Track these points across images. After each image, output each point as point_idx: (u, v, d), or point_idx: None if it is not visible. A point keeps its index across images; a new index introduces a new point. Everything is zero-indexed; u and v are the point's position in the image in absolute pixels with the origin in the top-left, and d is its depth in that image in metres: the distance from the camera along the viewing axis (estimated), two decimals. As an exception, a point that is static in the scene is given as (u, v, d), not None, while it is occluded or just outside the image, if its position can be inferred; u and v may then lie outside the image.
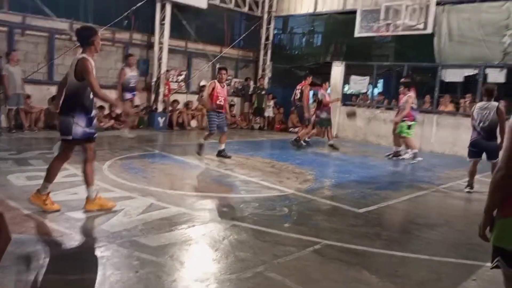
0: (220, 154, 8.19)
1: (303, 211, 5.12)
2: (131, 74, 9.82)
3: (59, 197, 4.70)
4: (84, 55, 4.11)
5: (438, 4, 10.80)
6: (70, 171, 6.12)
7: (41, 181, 4.36)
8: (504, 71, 10.56)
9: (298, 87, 10.44)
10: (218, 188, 5.97)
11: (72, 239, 3.73)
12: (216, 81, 8.18)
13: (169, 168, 7.01)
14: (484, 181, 7.84)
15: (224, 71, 8.26)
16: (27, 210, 4.28)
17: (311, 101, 11.19)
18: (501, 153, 2.04)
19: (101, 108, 11.13)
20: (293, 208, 5.18)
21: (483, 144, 6.45)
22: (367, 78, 13.52)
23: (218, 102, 7.98)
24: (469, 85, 11.98)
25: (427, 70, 12.26)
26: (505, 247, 1.99)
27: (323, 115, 10.49)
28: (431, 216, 5.43)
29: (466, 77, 11.51)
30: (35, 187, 4.44)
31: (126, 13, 11.45)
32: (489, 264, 3.53)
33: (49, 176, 4.31)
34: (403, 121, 9.39)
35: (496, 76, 10.79)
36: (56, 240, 3.69)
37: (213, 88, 7.98)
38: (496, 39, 10.45)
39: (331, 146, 10.43)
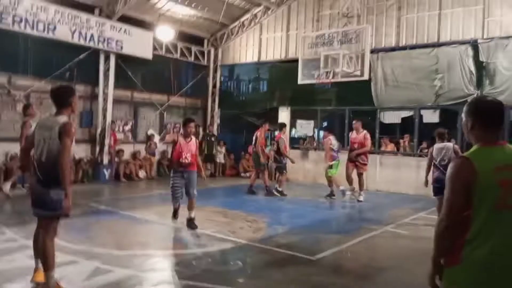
0: (190, 224, 6.52)
1: (257, 263, 5.02)
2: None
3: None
4: (65, 117, 3.75)
5: (372, 52, 11.57)
6: (7, 235, 5.69)
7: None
8: (438, 111, 11.37)
9: (255, 133, 10.65)
10: (168, 244, 5.76)
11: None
12: (179, 134, 7.04)
13: (116, 225, 6.68)
14: (428, 217, 8.19)
15: (191, 124, 6.82)
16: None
17: (267, 148, 11.32)
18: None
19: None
20: (247, 261, 5.08)
21: (444, 179, 6.78)
22: (312, 122, 13.99)
23: (181, 160, 6.64)
24: (407, 126, 12.70)
25: (368, 113, 12.91)
26: None
27: (284, 161, 10.49)
28: (383, 259, 5.52)
29: (403, 119, 12.27)
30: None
31: (68, 65, 11.23)
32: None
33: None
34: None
35: (430, 116, 11.58)
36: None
37: (176, 143, 6.73)
38: (428, 82, 11.30)
39: (280, 192, 10.36)
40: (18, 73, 10.71)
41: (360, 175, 9.84)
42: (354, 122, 10.28)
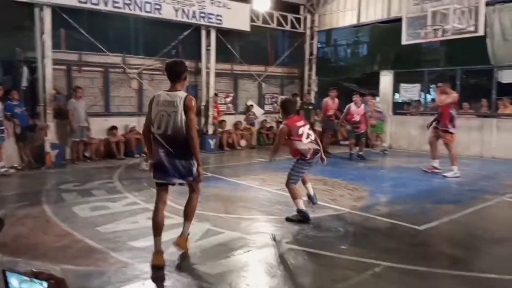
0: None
1: (360, 231, 5.01)
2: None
3: (121, 227, 4.93)
4: (184, 92, 3.93)
5: (487, 4, 10.31)
6: (130, 199, 6.41)
7: (103, 212, 4.58)
8: None
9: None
10: (271, 210, 5.98)
11: (135, 270, 3.87)
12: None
13: (223, 191, 7.12)
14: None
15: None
16: (92, 241, 4.51)
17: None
18: None
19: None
20: (349, 228, 5.08)
21: None
22: (418, 85, 13.11)
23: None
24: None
25: (482, 73, 11.68)
26: None
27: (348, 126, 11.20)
28: (498, 230, 5.12)
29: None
30: (98, 218, 4.67)
31: (173, 42, 11.94)
32: None
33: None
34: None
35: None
36: (121, 271, 3.84)
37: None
38: (556, 34, 9.80)
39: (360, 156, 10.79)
40: (131, 53, 11.75)
41: (446, 145, 8.49)
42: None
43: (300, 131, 5.38)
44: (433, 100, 9.70)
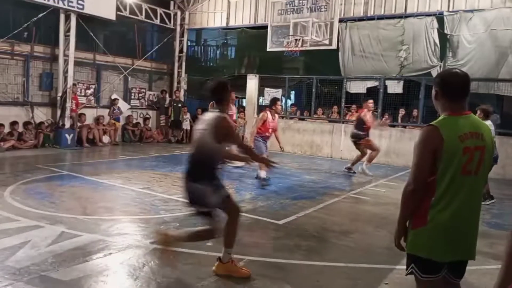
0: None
1: (225, 228, 5.11)
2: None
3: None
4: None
5: (341, 21, 11.59)
6: None
7: None
8: (401, 82, 11.64)
9: None
10: (135, 209, 5.73)
11: (-30, 282, 3.32)
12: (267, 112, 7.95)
13: (80, 191, 6.57)
14: (388, 184, 8.54)
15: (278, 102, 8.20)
16: None
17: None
18: None
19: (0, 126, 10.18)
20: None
21: None
22: (280, 90, 14.03)
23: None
24: (372, 96, 12.96)
25: (334, 82, 13.06)
26: (417, 254, 2.22)
27: None
28: (345, 223, 5.76)
29: (369, 88, 12.49)
30: None
31: (26, 24, 10.61)
32: (398, 267, 3.84)
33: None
34: None
35: (394, 87, 11.86)
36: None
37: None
38: (393, 53, 11.52)
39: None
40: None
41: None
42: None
43: None
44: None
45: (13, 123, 10.66)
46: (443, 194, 2.15)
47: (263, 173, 7.71)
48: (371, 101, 9.60)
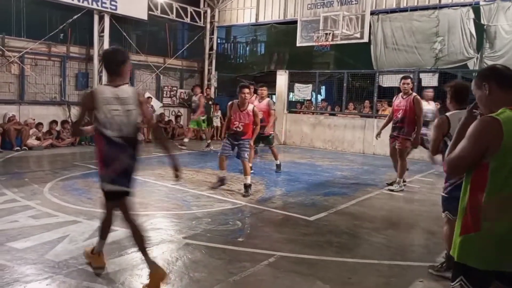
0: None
1: (256, 223, 5.14)
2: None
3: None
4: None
5: (372, 13, 11.35)
6: (8, 196, 5.77)
7: None
8: (436, 75, 11.29)
9: None
10: (168, 205, 5.84)
11: (15, 272, 3.48)
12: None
13: (116, 187, 6.74)
14: (423, 180, 8.33)
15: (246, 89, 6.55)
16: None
17: None
18: None
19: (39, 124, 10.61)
20: (246, 221, 5.19)
21: None
22: (310, 86, 13.91)
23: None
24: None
25: (366, 76, 12.83)
26: (468, 264, 1.98)
27: None
28: (377, 220, 5.65)
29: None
30: None
31: (62, 26, 10.99)
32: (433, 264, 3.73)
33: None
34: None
35: (429, 80, 11.51)
36: (-5, 276, 3.42)
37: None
38: (427, 45, 11.18)
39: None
40: (11, 35, 10.52)
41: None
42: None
43: None
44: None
45: (52, 122, 11.08)
46: (500, 199, 1.91)
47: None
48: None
